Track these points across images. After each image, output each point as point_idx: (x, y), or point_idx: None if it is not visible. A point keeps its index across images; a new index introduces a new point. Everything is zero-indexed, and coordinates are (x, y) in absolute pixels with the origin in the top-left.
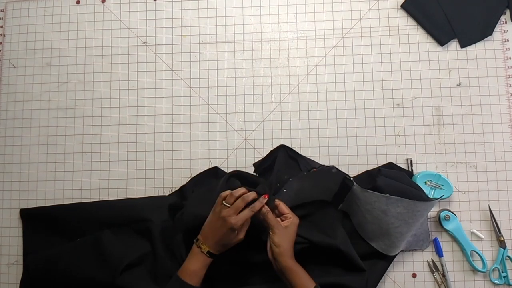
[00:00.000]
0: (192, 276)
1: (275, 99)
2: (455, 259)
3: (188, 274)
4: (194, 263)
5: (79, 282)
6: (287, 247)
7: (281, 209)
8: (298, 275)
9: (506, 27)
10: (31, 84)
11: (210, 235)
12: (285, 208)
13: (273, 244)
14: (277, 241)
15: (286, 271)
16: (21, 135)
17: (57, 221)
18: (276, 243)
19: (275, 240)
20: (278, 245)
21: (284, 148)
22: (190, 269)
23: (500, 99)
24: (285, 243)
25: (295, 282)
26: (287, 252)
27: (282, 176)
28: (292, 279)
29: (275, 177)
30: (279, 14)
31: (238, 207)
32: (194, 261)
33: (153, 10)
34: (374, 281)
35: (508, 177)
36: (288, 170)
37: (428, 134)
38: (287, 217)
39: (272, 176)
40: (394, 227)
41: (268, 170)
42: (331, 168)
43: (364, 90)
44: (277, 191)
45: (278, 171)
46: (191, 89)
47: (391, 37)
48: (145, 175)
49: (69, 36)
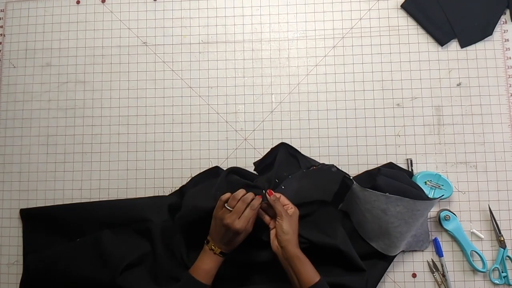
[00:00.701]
0: (205, 275)
1: (275, 99)
2: (455, 259)
3: (200, 274)
4: (208, 263)
5: (79, 282)
6: (294, 234)
7: (282, 201)
8: (305, 264)
9: (506, 27)
10: (31, 84)
11: (218, 239)
12: (285, 199)
13: (281, 232)
14: (285, 228)
15: (294, 260)
16: (21, 135)
17: (57, 221)
18: (284, 230)
19: (284, 227)
20: (286, 232)
21: (285, 146)
22: (202, 268)
23: (500, 99)
24: (292, 231)
25: (302, 270)
26: (295, 240)
27: (281, 173)
28: (299, 268)
29: (274, 173)
30: (279, 14)
31: (240, 210)
32: (207, 260)
33: (153, 10)
34: (374, 281)
35: (508, 177)
36: (288, 167)
37: (428, 134)
38: (289, 207)
39: (271, 171)
40: (394, 227)
41: (268, 168)
42: (331, 167)
43: (364, 90)
44: (275, 187)
45: (278, 167)
46: (191, 89)
47: (391, 37)
48: (145, 175)
49: (69, 36)
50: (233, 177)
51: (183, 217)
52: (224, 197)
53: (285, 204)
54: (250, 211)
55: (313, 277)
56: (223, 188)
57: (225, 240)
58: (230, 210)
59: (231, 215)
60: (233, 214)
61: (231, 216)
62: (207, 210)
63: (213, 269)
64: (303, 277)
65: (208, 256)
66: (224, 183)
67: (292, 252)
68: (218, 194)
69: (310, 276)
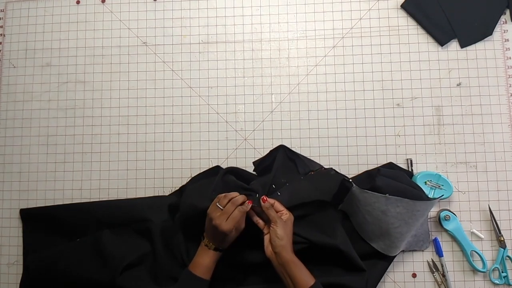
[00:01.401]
0: (203, 271)
1: (275, 99)
2: (455, 259)
3: (198, 268)
4: (205, 258)
5: (79, 282)
6: (288, 240)
7: (276, 207)
8: (299, 269)
9: (506, 27)
10: (31, 84)
11: (211, 237)
12: (279, 205)
13: (276, 238)
14: (279, 233)
15: (288, 265)
16: (21, 135)
17: (57, 221)
18: (279, 236)
19: (278, 232)
20: (281, 238)
21: (283, 149)
22: (200, 263)
23: (500, 99)
24: (286, 236)
25: (296, 275)
26: (289, 245)
27: (279, 179)
28: (293, 273)
29: (271, 178)
30: (279, 14)
31: (228, 211)
32: (204, 256)
33: (153, 10)
34: (374, 281)
35: (508, 177)
36: (285, 172)
37: (428, 134)
38: (283, 213)
39: (269, 176)
40: (394, 227)
41: (267, 170)
42: (330, 170)
43: (364, 90)
44: (271, 193)
45: (276, 172)
46: (191, 89)
47: (391, 37)
48: (145, 175)
49: (69, 36)
50: (230, 178)
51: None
52: (220, 196)
53: (279, 210)
54: (239, 212)
55: (308, 280)
56: (218, 189)
57: (217, 239)
58: (221, 209)
59: (220, 215)
60: (221, 215)
61: (220, 217)
62: (203, 209)
63: (210, 264)
64: (298, 281)
65: (205, 252)
66: (220, 183)
67: (286, 257)
68: (214, 195)
69: (305, 280)
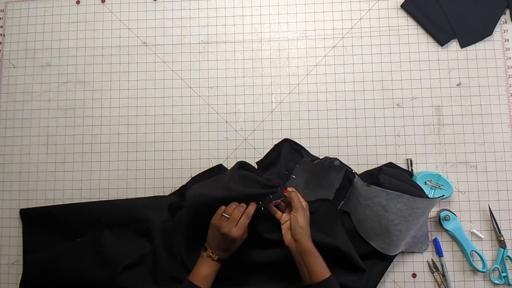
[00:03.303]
0: (204, 281)
1: (275, 99)
2: (455, 259)
3: (199, 280)
4: (206, 269)
5: (79, 282)
6: (308, 229)
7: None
8: (317, 260)
9: (506, 27)
10: (31, 84)
11: (216, 247)
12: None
13: (296, 225)
14: (300, 221)
15: (307, 254)
16: (21, 135)
17: (57, 221)
18: (299, 224)
19: (299, 220)
20: (302, 226)
21: (288, 142)
22: (201, 275)
23: (500, 99)
24: (306, 225)
25: (313, 266)
26: (308, 233)
27: (288, 164)
28: (311, 262)
29: (283, 167)
30: (279, 14)
31: (236, 218)
32: (205, 267)
33: (153, 10)
34: (374, 281)
35: (508, 177)
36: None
37: (428, 134)
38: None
39: (280, 166)
40: (394, 224)
41: (271, 165)
42: (334, 160)
43: (364, 90)
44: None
45: (284, 160)
46: (191, 89)
47: (391, 37)
48: (145, 175)
49: (69, 36)
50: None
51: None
52: (222, 207)
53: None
54: (246, 218)
55: (324, 272)
56: (236, 181)
57: (223, 247)
58: (227, 218)
59: (228, 223)
60: (230, 223)
61: (229, 225)
62: (215, 198)
63: (211, 275)
64: (314, 271)
65: (206, 263)
66: (237, 176)
67: (306, 245)
68: (232, 185)
69: (322, 272)
